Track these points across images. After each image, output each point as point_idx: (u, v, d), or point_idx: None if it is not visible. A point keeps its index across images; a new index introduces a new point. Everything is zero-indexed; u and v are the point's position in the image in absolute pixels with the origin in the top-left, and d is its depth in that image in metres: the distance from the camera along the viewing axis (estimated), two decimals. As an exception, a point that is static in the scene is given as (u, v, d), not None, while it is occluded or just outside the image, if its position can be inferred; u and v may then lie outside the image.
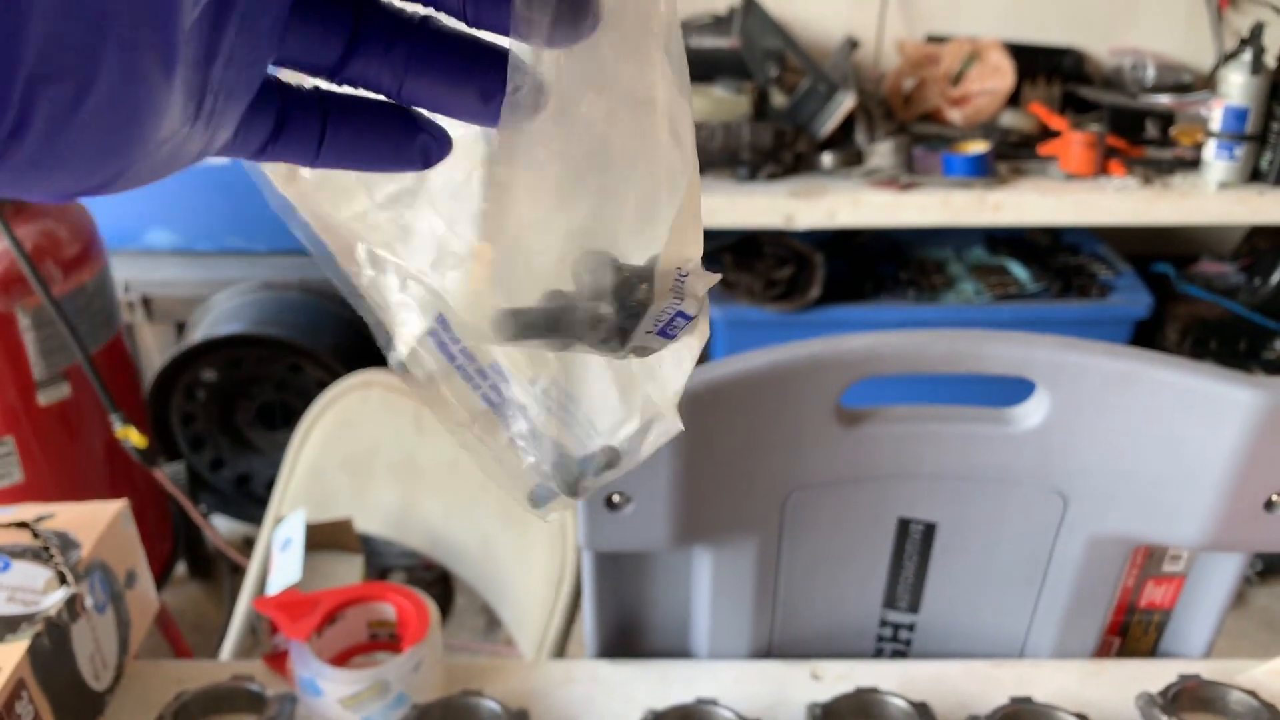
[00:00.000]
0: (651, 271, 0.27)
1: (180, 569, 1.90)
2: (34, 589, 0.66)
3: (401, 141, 0.26)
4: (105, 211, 1.67)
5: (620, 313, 0.27)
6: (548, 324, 0.26)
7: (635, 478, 0.63)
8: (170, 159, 0.22)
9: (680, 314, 0.28)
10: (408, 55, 0.25)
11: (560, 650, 0.93)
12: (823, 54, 1.97)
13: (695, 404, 0.61)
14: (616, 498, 0.64)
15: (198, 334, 1.75)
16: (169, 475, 1.41)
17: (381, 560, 1.71)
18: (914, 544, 0.70)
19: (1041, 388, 0.64)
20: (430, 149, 0.26)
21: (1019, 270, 1.90)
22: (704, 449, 0.63)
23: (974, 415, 0.66)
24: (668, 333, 0.29)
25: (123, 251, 1.89)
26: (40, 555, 0.68)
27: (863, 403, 0.66)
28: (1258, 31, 1.62)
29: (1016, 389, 0.67)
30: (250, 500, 1.88)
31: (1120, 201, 1.67)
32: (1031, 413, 0.65)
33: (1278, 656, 0.72)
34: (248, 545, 1.75)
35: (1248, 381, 0.60)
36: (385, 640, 0.74)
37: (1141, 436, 0.63)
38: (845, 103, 1.77)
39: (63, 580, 0.66)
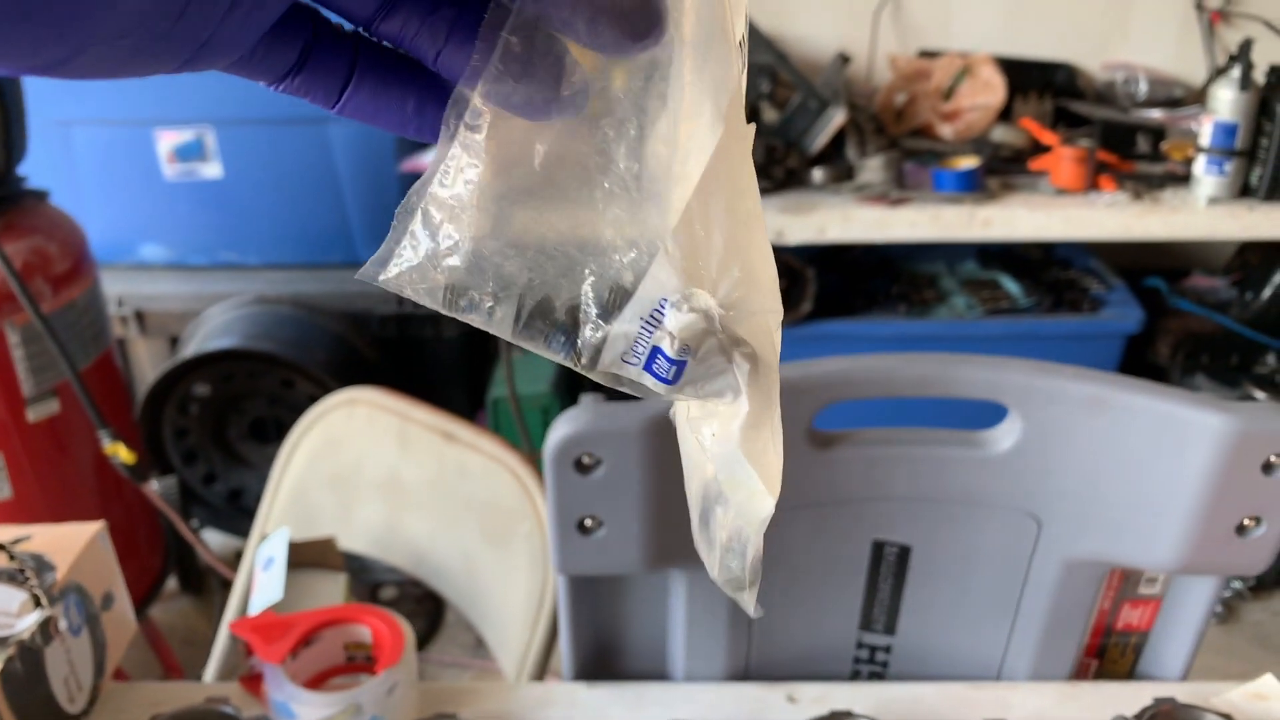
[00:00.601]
0: (627, 292, 0.26)
1: (172, 584, 1.90)
2: (8, 612, 0.66)
3: (426, 108, 0.25)
4: (98, 226, 1.68)
5: (574, 322, 0.26)
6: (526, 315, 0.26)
7: (607, 502, 0.63)
8: (142, 51, 0.20)
9: (658, 350, 0.27)
10: (452, 22, 0.23)
11: (542, 670, 0.93)
12: (814, 70, 1.97)
13: (666, 428, 0.61)
14: (589, 522, 0.64)
15: (190, 348, 1.75)
16: (161, 490, 1.41)
17: (371, 576, 1.71)
18: (889, 566, 0.70)
19: (1014, 411, 0.64)
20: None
21: (1011, 285, 1.90)
22: (675, 472, 0.63)
23: (947, 438, 0.66)
24: (654, 371, 0.27)
25: (116, 266, 1.90)
26: (15, 578, 0.68)
27: (836, 425, 0.67)
28: (1246, 48, 1.63)
29: (992, 412, 0.67)
30: (243, 515, 1.88)
31: (1111, 216, 1.68)
32: (1004, 436, 0.65)
33: (1256, 679, 0.72)
34: (240, 560, 1.75)
35: (1217, 407, 0.60)
36: (362, 662, 0.74)
37: (1114, 460, 0.64)
38: (836, 118, 1.78)
39: (37, 603, 0.66)
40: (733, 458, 0.31)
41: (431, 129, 0.25)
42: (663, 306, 0.26)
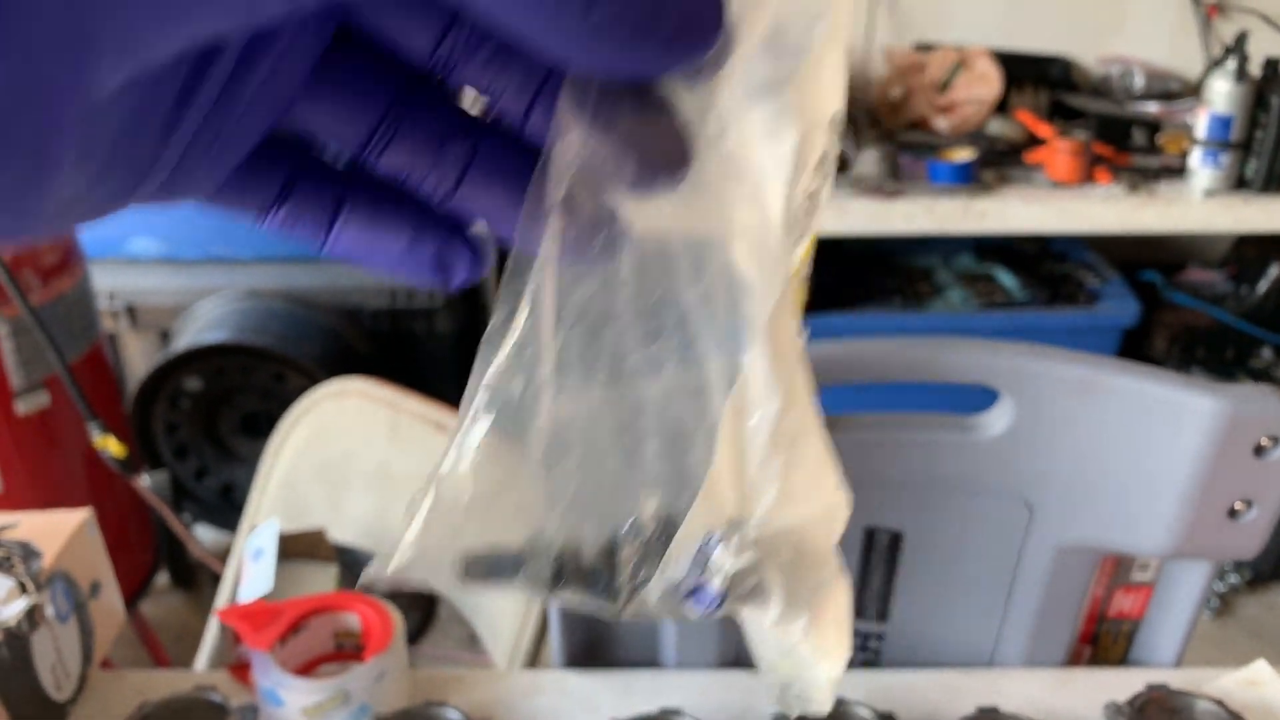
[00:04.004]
0: (659, 531, 0.24)
1: (163, 579, 1.89)
2: (-6, 599, 0.65)
3: (421, 244, 0.22)
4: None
5: (612, 570, 0.24)
6: (508, 568, 0.24)
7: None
8: (79, 210, 0.18)
9: (703, 587, 0.25)
10: (466, 160, 0.21)
11: (533, 661, 0.92)
12: (809, 62, 1.97)
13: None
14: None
15: (181, 342, 1.74)
16: (151, 485, 1.40)
17: (363, 569, 1.70)
18: (880, 553, 0.70)
19: (1005, 395, 0.64)
20: (455, 264, 0.22)
21: (1007, 278, 1.90)
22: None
23: (938, 423, 0.66)
24: (699, 602, 0.25)
25: (106, 260, 1.89)
26: (1, 565, 0.67)
27: (827, 410, 0.66)
28: (1242, 41, 1.63)
29: (984, 398, 0.67)
30: (234, 509, 1.87)
31: (1106, 209, 1.67)
32: (996, 420, 0.65)
33: (1249, 665, 0.72)
34: (230, 555, 1.75)
35: (1208, 390, 0.60)
36: (351, 650, 0.74)
37: (1105, 445, 0.63)
38: (831, 111, 1.77)
39: (23, 590, 0.66)
40: (773, 644, 0.30)
41: (426, 266, 0.22)
42: (708, 545, 0.25)
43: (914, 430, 0.66)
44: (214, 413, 1.83)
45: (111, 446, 1.32)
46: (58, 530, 0.71)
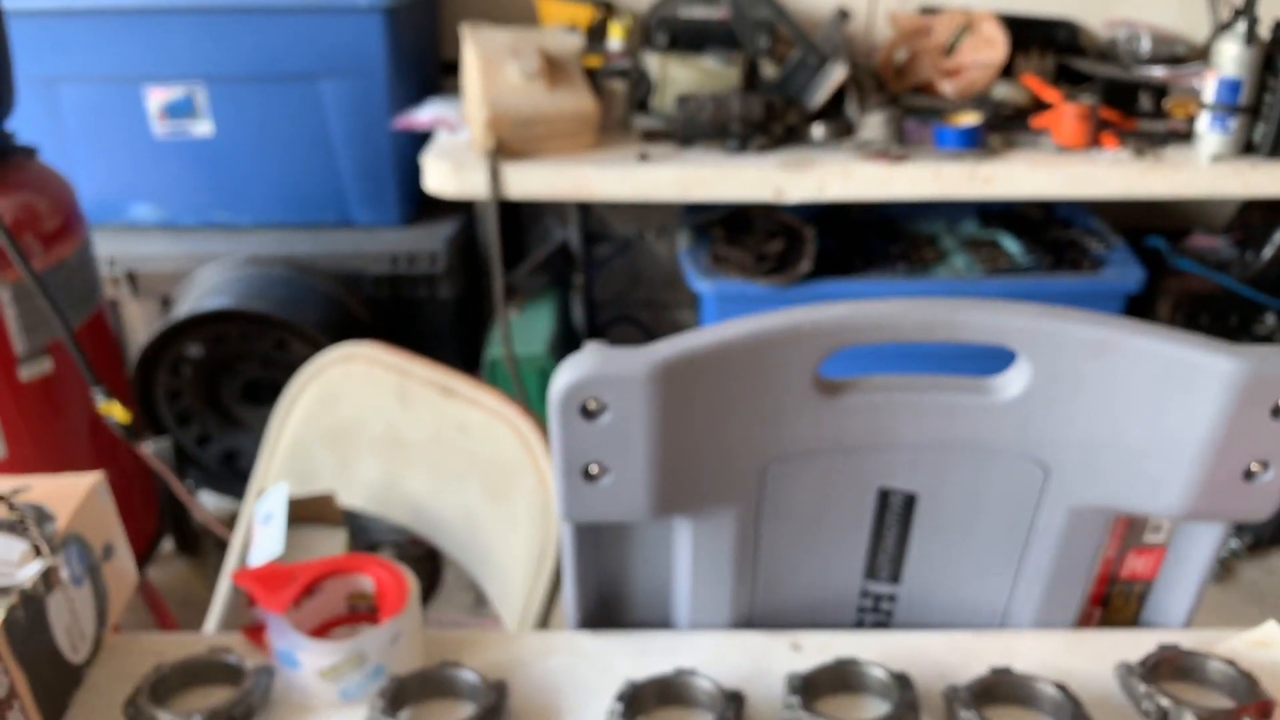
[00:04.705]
0: None
1: (168, 545, 1.90)
2: (9, 561, 0.65)
3: None
4: (88, 186, 1.66)
5: None
6: None
7: (612, 448, 0.62)
8: None
9: None
10: None
11: (544, 624, 0.93)
12: (814, 25, 1.95)
13: (672, 374, 0.60)
14: (594, 468, 0.63)
15: (183, 309, 1.74)
16: (155, 451, 1.40)
17: (369, 535, 1.71)
18: (894, 514, 0.70)
19: (1021, 356, 0.64)
20: None
21: (1011, 244, 1.90)
22: (681, 419, 0.62)
23: (953, 385, 0.65)
24: None
25: (107, 226, 1.88)
26: (15, 528, 0.67)
27: (842, 373, 0.66)
28: (1251, 2, 1.61)
29: (999, 360, 0.67)
30: (237, 476, 1.88)
31: (1112, 174, 1.67)
32: (1011, 382, 0.65)
33: (1259, 626, 0.72)
34: (235, 521, 1.75)
35: (1226, 350, 0.60)
36: (365, 612, 0.74)
37: (1121, 406, 0.63)
38: (836, 74, 1.76)
39: (38, 552, 0.66)
40: None
41: None
42: None
43: (929, 392, 0.65)
44: (216, 379, 1.83)
45: (116, 412, 1.32)
46: (70, 493, 0.71)
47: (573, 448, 0.62)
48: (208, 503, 1.89)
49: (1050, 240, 1.90)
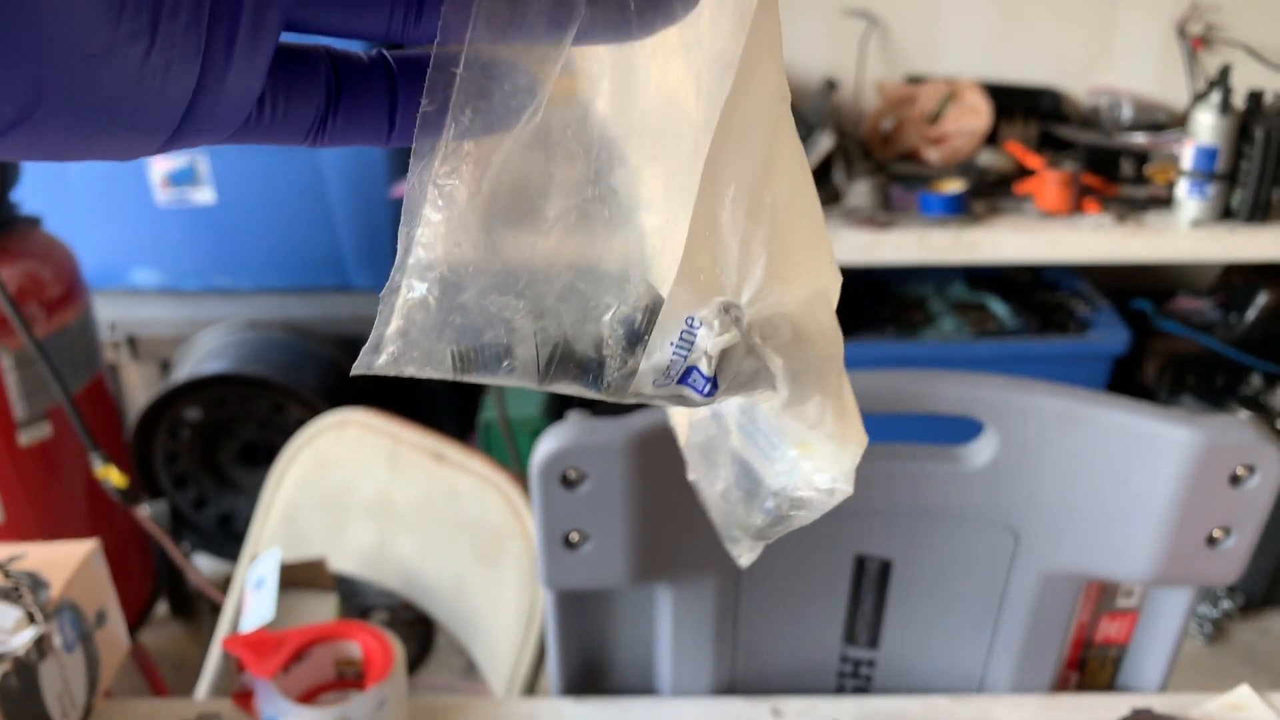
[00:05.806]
0: (645, 321, 0.24)
1: (162, 608, 1.90)
2: (3, 628, 0.66)
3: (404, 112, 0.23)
4: (92, 251, 1.69)
5: (600, 356, 0.25)
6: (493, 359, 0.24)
7: (593, 516, 0.64)
8: (122, 89, 0.18)
9: (694, 369, 0.25)
10: None
11: (530, 689, 0.93)
12: (802, 95, 2.00)
13: (650, 443, 0.62)
14: (575, 536, 0.65)
15: (182, 373, 1.76)
16: (152, 514, 1.42)
17: (362, 600, 1.71)
18: (871, 580, 0.71)
19: (989, 427, 0.66)
20: None
21: (999, 307, 1.93)
22: (660, 487, 0.64)
23: (925, 454, 0.67)
24: (691, 385, 0.26)
25: (108, 291, 1.91)
26: (10, 595, 0.68)
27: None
28: (1226, 73, 1.66)
29: (969, 429, 0.69)
30: (233, 539, 1.88)
31: (1095, 239, 1.70)
32: (981, 451, 0.67)
33: (1233, 690, 0.73)
34: (229, 585, 1.76)
35: (1185, 421, 0.62)
36: (352, 679, 0.75)
37: (1087, 474, 0.65)
38: (823, 143, 1.80)
39: (32, 620, 0.67)
40: (786, 430, 0.31)
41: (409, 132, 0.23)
42: (692, 327, 0.25)
43: (901, 460, 0.67)
44: (213, 442, 1.85)
45: (113, 477, 1.33)
46: (65, 561, 0.73)
47: (553, 516, 0.64)
48: (204, 565, 1.89)
49: (1038, 303, 1.93)
